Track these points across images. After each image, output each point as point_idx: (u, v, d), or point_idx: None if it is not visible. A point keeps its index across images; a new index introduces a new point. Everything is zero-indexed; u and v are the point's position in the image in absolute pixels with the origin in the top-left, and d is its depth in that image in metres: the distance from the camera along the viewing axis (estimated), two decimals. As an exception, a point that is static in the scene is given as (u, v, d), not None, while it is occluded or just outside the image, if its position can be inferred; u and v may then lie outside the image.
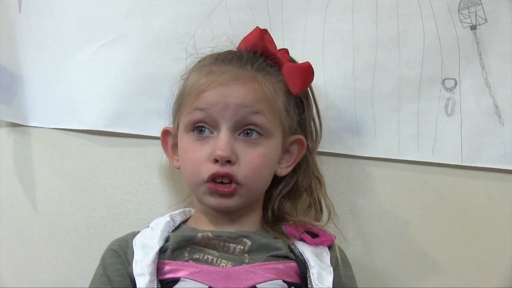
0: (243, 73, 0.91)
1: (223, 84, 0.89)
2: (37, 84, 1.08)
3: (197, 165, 0.89)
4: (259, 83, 0.90)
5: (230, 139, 0.88)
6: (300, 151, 0.97)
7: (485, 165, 1.07)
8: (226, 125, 0.89)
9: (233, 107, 0.88)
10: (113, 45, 1.08)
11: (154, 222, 0.95)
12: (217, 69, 0.91)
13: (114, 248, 0.92)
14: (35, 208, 1.07)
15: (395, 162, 1.08)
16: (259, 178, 0.91)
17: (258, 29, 0.96)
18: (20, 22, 1.09)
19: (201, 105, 0.89)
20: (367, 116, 1.08)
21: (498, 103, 1.07)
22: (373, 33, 1.08)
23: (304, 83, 0.97)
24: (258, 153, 0.90)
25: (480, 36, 1.08)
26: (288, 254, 0.89)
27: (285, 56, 0.98)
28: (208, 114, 0.89)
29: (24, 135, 1.08)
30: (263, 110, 0.90)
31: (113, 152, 1.09)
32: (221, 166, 0.87)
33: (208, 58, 0.96)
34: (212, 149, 0.88)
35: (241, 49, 0.95)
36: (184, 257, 0.88)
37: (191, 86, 0.92)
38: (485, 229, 1.07)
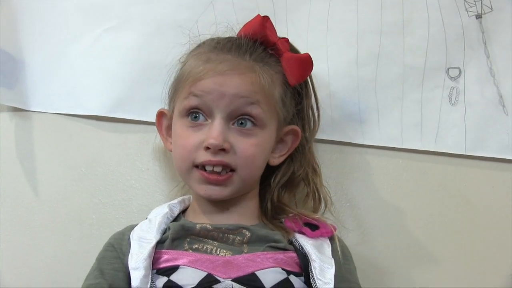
0: (241, 63, 0.90)
1: (220, 73, 0.88)
2: (39, 69, 1.08)
3: (188, 151, 0.89)
4: (256, 74, 0.90)
5: (224, 128, 0.88)
6: (294, 141, 0.97)
7: (489, 155, 1.07)
8: (221, 114, 0.88)
9: (229, 97, 0.88)
10: (116, 31, 1.08)
11: (152, 213, 0.95)
12: (216, 57, 0.90)
13: (111, 242, 0.92)
14: (36, 194, 1.07)
15: (398, 151, 1.08)
16: (252, 167, 0.91)
17: (259, 17, 0.95)
18: (22, 7, 1.08)
19: (197, 92, 0.89)
20: (370, 104, 1.08)
21: (503, 93, 1.07)
22: (378, 21, 1.07)
23: (302, 74, 0.96)
24: (251, 142, 0.89)
25: (486, 25, 1.07)
26: (287, 246, 0.89)
27: (285, 46, 0.97)
28: (203, 101, 0.89)
29: (26, 120, 1.08)
30: (259, 101, 0.89)
31: (115, 138, 1.09)
32: (213, 154, 0.87)
33: (208, 44, 0.95)
34: (205, 137, 0.88)
35: (241, 37, 0.94)
36: (183, 247, 0.88)
37: (188, 72, 0.91)
38: (488, 219, 1.07)
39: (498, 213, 1.07)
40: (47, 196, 1.07)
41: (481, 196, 1.07)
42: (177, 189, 1.04)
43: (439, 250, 1.06)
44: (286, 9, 1.08)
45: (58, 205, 1.07)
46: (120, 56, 1.08)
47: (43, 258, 1.06)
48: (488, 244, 1.06)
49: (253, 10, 1.04)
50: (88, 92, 1.08)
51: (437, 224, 1.07)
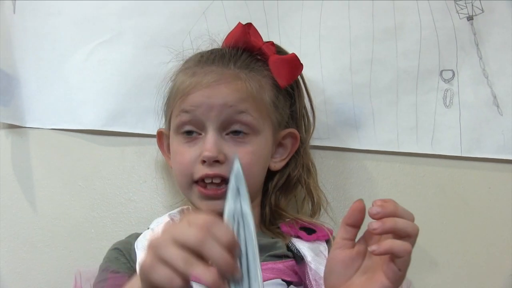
0: (226, 72, 0.90)
1: (206, 86, 0.89)
2: (34, 85, 1.08)
3: (186, 168, 0.90)
4: (242, 82, 0.90)
5: (217, 139, 0.88)
6: (294, 144, 0.97)
7: (485, 156, 1.07)
8: (212, 126, 0.88)
9: (218, 107, 0.88)
10: (109, 44, 1.08)
11: (154, 223, 0.95)
12: (201, 71, 0.91)
13: (118, 247, 0.92)
14: (34, 209, 1.07)
15: (394, 154, 1.08)
16: (250, 176, 0.88)
17: (240, 25, 0.96)
18: (15, 23, 1.08)
19: (187, 107, 0.89)
20: (365, 109, 1.08)
21: (496, 93, 1.07)
22: (370, 26, 1.08)
23: (291, 74, 0.96)
24: (246, 151, 0.89)
25: (477, 26, 1.08)
26: (286, 253, 0.89)
27: (271, 49, 0.97)
28: (194, 116, 0.89)
29: (22, 137, 1.08)
30: (248, 109, 0.89)
31: (112, 152, 1.09)
32: (210, 167, 0.88)
33: (193, 58, 0.96)
34: (200, 151, 0.88)
35: (224, 47, 0.94)
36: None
37: (177, 89, 0.92)
38: (486, 220, 1.07)
39: (496, 213, 1.07)
40: (46, 211, 1.07)
41: (479, 197, 1.07)
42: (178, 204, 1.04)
43: (438, 252, 1.06)
44: (278, 18, 1.08)
45: (57, 220, 1.07)
46: (114, 69, 1.08)
47: (43, 273, 1.05)
48: (487, 245, 1.06)
49: (245, 19, 1.03)
50: (84, 106, 1.08)
51: (435, 226, 1.07)
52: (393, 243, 0.66)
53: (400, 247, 0.66)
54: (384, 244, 0.66)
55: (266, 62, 0.94)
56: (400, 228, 0.67)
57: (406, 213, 0.69)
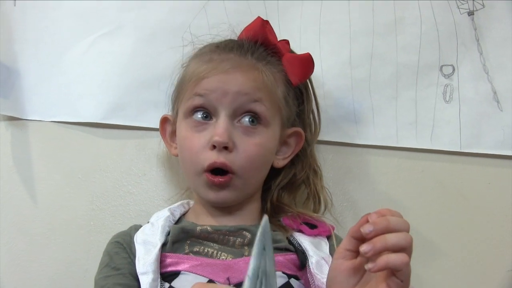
0: (244, 62, 0.91)
1: (223, 71, 0.89)
2: (34, 78, 1.08)
3: (196, 153, 0.89)
4: (259, 72, 0.91)
5: (229, 125, 0.88)
6: (298, 143, 0.97)
7: (484, 151, 1.07)
8: (225, 111, 0.88)
9: (232, 94, 0.88)
10: (110, 37, 1.08)
11: (153, 217, 0.94)
12: (218, 57, 0.91)
13: (118, 240, 0.92)
14: (34, 202, 1.07)
15: (393, 149, 1.08)
16: (254, 167, 0.91)
17: (259, 19, 0.96)
18: (15, 15, 1.08)
19: (201, 91, 0.89)
20: (364, 104, 1.08)
21: (497, 89, 1.07)
22: (370, 21, 1.08)
23: (304, 73, 0.97)
24: (254, 142, 0.89)
25: (478, 21, 1.07)
26: (287, 246, 0.89)
27: (286, 47, 0.98)
28: (207, 100, 0.89)
29: (22, 129, 1.08)
30: (262, 99, 0.90)
31: (112, 145, 1.09)
32: (218, 152, 0.87)
33: (208, 46, 0.96)
34: (210, 136, 0.88)
35: (242, 38, 0.95)
36: (184, 250, 0.88)
37: (191, 73, 0.92)
38: (485, 215, 1.07)
39: (495, 209, 1.07)
40: (45, 203, 1.07)
41: (478, 192, 1.07)
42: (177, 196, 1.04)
43: (437, 247, 1.06)
44: (278, 12, 1.08)
45: (56, 213, 1.07)
46: (114, 62, 1.08)
47: (42, 265, 1.05)
48: (486, 240, 1.06)
49: (245, 13, 1.04)
50: (84, 99, 1.08)
51: (434, 221, 1.07)
52: (389, 258, 0.67)
53: (397, 260, 0.67)
54: (380, 260, 0.67)
55: (280, 59, 0.95)
56: (392, 244, 0.67)
57: (400, 225, 0.70)
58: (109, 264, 0.88)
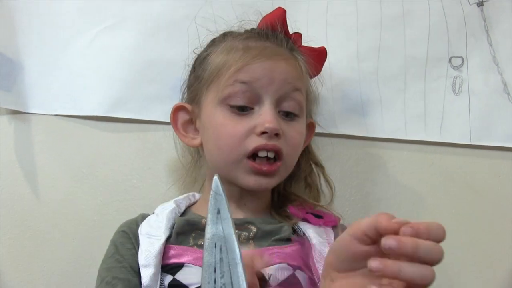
0: (282, 50, 0.90)
1: (268, 58, 0.87)
2: (37, 71, 1.07)
3: (238, 139, 0.86)
4: (297, 61, 0.91)
5: (275, 113, 0.87)
6: (309, 134, 0.97)
7: (494, 144, 1.06)
8: (270, 99, 0.87)
9: (278, 82, 0.87)
10: (113, 30, 1.07)
11: (159, 208, 0.93)
12: (255, 44, 0.89)
13: (124, 230, 0.91)
14: (37, 196, 1.06)
15: (402, 142, 1.07)
16: (296, 155, 0.91)
17: (281, 9, 0.94)
18: (19, 8, 1.07)
19: (245, 78, 0.86)
20: (372, 97, 1.07)
21: (507, 81, 1.06)
22: (377, 13, 1.07)
23: (319, 66, 0.97)
24: (297, 130, 0.89)
25: (487, 12, 1.06)
26: (291, 236, 0.88)
27: (299, 40, 0.97)
28: (251, 88, 0.87)
29: (24, 122, 1.07)
30: (301, 88, 0.90)
31: (115, 138, 1.07)
32: (269, 139, 0.85)
33: (237, 33, 0.94)
34: (256, 123, 0.85)
35: (272, 27, 0.92)
36: (188, 242, 0.87)
37: (228, 60, 0.88)
38: (495, 209, 1.06)
39: (505, 202, 1.05)
40: (48, 198, 1.06)
41: (488, 186, 1.06)
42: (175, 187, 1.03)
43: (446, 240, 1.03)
44: (285, 4, 1.06)
45: (59, 207, 1.06)
46: (117, 55, 1.07)
47: (45, 260, 1.04)
48: (496, 233, 1.05)
49: (251, 5, 1.03)
50: (87, 93, 1.07)
51: (443, 215, 1.05)
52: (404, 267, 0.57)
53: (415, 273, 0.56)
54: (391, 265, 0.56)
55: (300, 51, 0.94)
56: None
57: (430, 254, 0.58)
58: (114, 255, 0.87)
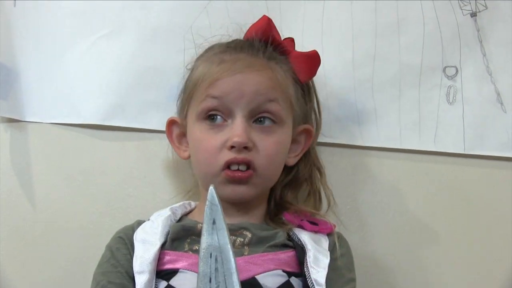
0: (256, 61, 0.91)
1: (238, 71, 0.88)
2: (33, 79, 1.07)
3: (212, 154, 0.88)
4: (272, 71, 0.91)
5: (246, 126, 0.88)
6: (307, 140, 0.97)
7: (488, 153, 1.06)
8: (242, 112, 0.88)
9: (249, 94, 0.88)
10: (110, 37, 1.07)
11: (154, 215, 0.94)
12: (230, 57, 0.90)
13: (120, 235, 0.91)
14: (33, 204, 1.06)
15: (397, 151, 1.07)
16: (274, 166, 0.91)
17: (265, 17, 0.96)
18: (15, 16, 1.07)
19: (215, 93, 0.88)
20: (367, 105, 1.07)
21: (500, 90, 1.06)
22: (372, 21, 1.07)
23: (312, 71, 0.97)
24: (273, 140, 0.89)
25: (481, 23, 1.07)
26: (286, 242, 0.89)
27: (292, 45, 0.98)
28: (222, 102, 0.88)
29: (21, 131, 1.07)
30: (277, 98, 0.90)
31: (112, 146, 1.08)
32: (238, 152, 0.86)
33: (217, 46, 0.95)
34: (227, 137, 0.87)
35: (252, 37, 0.94)
36: (183, 248, 0.88)
37: (203, 74, 0.90)
38: (489, 218, 1.06)
39: (499, 212, 1.06)
40: (44, 206, 1.06)
41: (482, 195, 1.07)
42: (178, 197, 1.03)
43: (441, 249, 1.06)
44: (280, 12, 1.07)
45: (55, 215, 1.06)
46: (114, 63, 1.07)
47: (41, 269, 1.05)
48: (490, 243, 1.05)
49: (247, 13, 1.03)
50: (84, 100, 1.07)
51: (438, 224, 1.06)
52: None
53: None
54: None
55: (287, 57, 0.95)
56: None
57: None
58: (109, 260, 0.88)
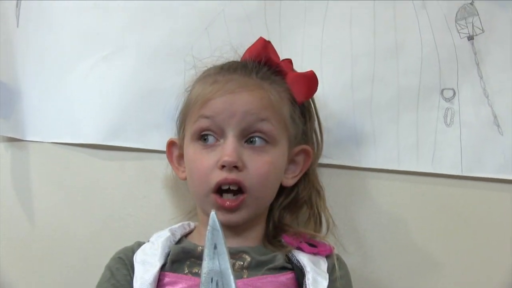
0: (249, 81, 0.92)
1: (229, 92, 0.89)
2: (35, 98, 1.08)
3: (205, 174, 0.89)
4: (265, 91, 0.91)
5: (237, 145, 0.88)
6: (306, 161, 0.97)
7: (485, 175, 1.07)
8: (233, 132, 0.89)
9: (240, 114, 0.89)
10: (111, 59, 1.08)
11: (154, 236, 0.94)
12: (222, 78, 0.92)
13: (120, 256, 0.92)
14: (33, 223, 1.07)
15: (394, 173, 1.08)
16: (266, 186, 0.91)
17: (262, 39, 0.97)
18: (18, 36, 1.09)
19: (207, 113, 0.90)
20: (366, 126, 1.08)
21: (497, 113, 1.07)
22: (371, 44, 1.08)
23: (309, 91, 0.98)
24: (264, 160, 0.89)
25: (478, 46, 1.08)
26: (285, 264, 0.89)
27: (289, 66, 0.99)
28: (214, 122, 0.89)
29: (22, 150, 1.08)
30: (269, 117, 0.90)
31: (112, 166, 1.08)
32: (229, 172, 0.87)
33: (212, 68, 0.97)
34: (219, 157, 0.88)
35: (246, 59, 0.95)
36: (183, 270, 0.88)
37: (196, 96, 0.92)
38: (486, 240, 1.06)
39: (496, 234, 1.06)
40: (44, 225, 1.07)
41: (479, 216, 1.07)
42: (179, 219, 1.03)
43: (439, 271, 1.06)
44: (280, 34, 1.09)
45: (55, 234, 1.06)
46: (116, 83, 1.08)
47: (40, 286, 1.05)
48: (487, 265, 1.06)
49: (247, 35, 1.04)
50: (85, 120, 1.08)
51: (435, 245, 1.06)
52: None
53: None
54: None
55: (284, 78, 0.96)
56: None
57: None
58: (109, 280, 0.89)
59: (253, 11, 1.08)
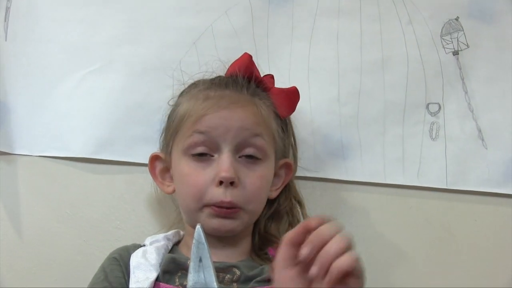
0: (241, 97, 0.93)
1: (224, 107, 0.91)
2: (23, 112, 1.08)
3: (199, 190, 0.90)
4: (256, 106, 0.93)
5: (233, 161, 0.89)
6: (287, 174, 0.99)
7: (470, 188, 1.08)
8: (228, 147, 0.90)
9: (235, 130, 0.90)
10: (100, 72, 1.08)
11: (148, 239, 0.95)
12: (215, 94, 0.93)
13: (115, 256, 0.93)
14: (20, 237, 1.06)
15: (381, 186, 1.09)
16: (258, 201, 0.93)
17: (247, 54, 0.98)
18: (6, 50, 1.09)
19: (202, 128, 0.90)
20: (352, 140, 1.09)
21: (481, 127, 1.09)
22: (358, 59, 1.10)
23: (292, 106, 1.00)
24: (257, 175, 0.91)
25: (463, 61, 1.10)
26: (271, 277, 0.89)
27: (271, 81, 1.00)
28: (209, 137, 0.90)
29: (10, 164, 1.08)
30: (262, 133, 0.92)
31: (100, 180, 1.08)
32: (225, 189, 0.88)
33: (201, 83, 0.97)
34: (215, 172, 0.89)
35: (236, 74, 0.96)
36: (174, 281, 0.88)
37: (189, 111, 0.92)
38: (471, 252, 1.08)
39: (481, 246, 1.08)
40: (32, 238, 1.06)
41: (464, 229, 1.08)
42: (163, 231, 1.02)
43: (425, 283, 1.07)
44: (268, 49, 1.10)
45: (43, 248, 1.06)
46: (104, 97, 1.08)
47: (28, 300, 1.05)
48: (472, 277, 1.07)
49: (235, 49, 1.05)
50: (73, 134, 1.08)
51: (421, 258, 1.08)
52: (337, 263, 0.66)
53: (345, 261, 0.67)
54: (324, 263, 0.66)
55: (267, 93, 0.97)
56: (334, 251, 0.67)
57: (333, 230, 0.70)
58: (103, 282, 0.90)
59: (241, 27, 1.09)
